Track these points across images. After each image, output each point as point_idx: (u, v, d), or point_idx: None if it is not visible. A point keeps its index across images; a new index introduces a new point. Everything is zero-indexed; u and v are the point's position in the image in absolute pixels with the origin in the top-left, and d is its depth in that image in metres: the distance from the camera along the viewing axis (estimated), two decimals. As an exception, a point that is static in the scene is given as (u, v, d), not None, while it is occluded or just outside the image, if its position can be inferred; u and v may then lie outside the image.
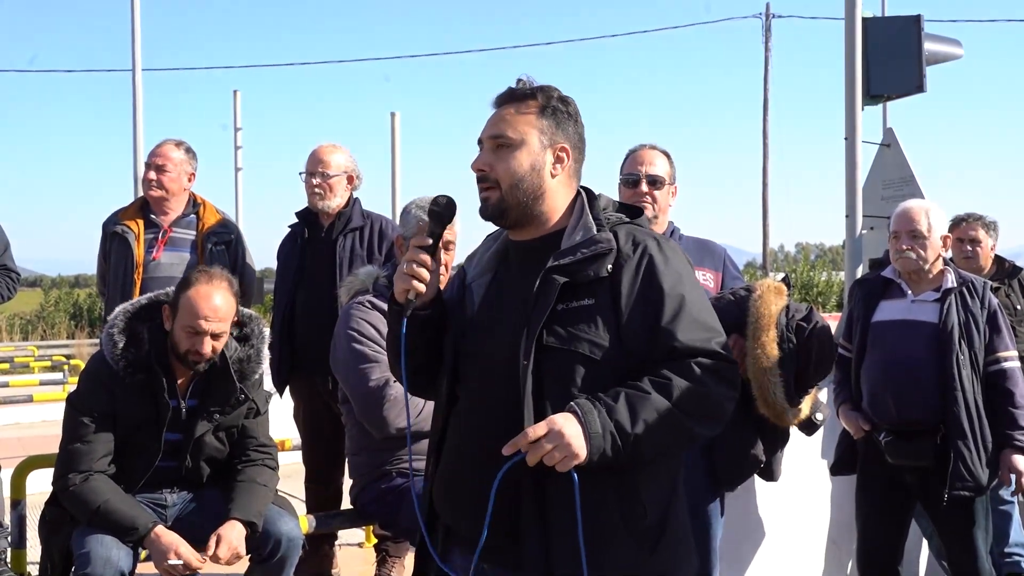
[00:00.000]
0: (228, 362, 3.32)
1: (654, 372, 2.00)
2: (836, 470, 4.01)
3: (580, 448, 1.89)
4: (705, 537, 3.30)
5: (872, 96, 5.59)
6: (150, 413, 3.26)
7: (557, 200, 2.13)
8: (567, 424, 1.90)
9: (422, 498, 2.23)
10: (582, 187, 2.19)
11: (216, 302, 3.23)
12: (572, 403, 1.94)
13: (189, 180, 4.66)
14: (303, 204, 4.61)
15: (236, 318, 3.41)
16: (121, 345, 3.24)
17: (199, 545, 3.17)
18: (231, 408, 3.35)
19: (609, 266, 2.03)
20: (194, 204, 4.65)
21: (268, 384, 4.24)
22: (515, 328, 2.04)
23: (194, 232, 4.58)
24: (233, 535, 3.16)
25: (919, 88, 5.59)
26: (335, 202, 4.51)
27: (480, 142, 2.14)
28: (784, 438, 3.44)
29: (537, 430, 1.89)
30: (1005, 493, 4.50)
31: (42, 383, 10.48)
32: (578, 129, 2.16)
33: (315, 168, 4.51)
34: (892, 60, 5.52)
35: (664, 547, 2.08)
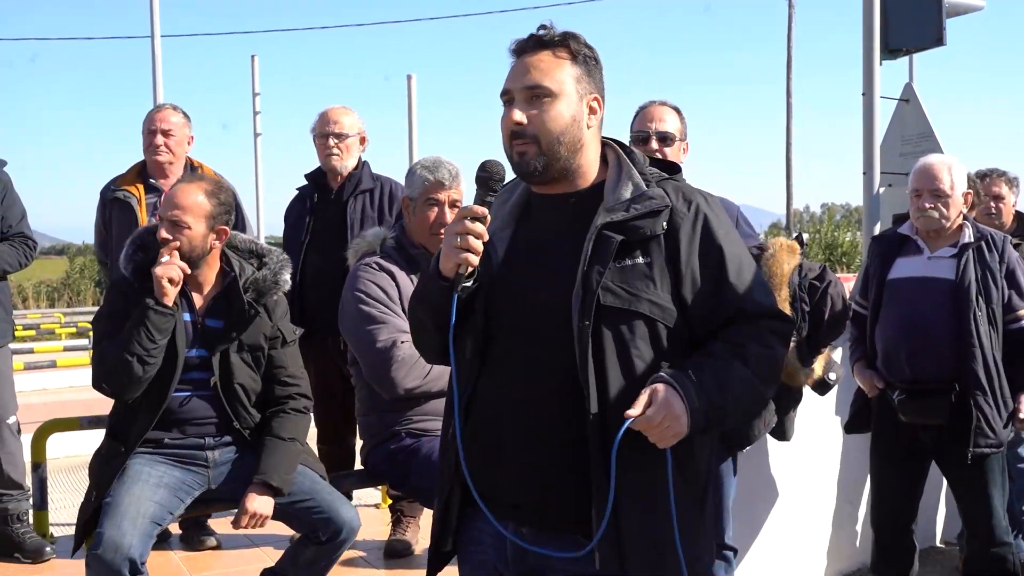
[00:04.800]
0: (237, 279, 3.39)
1: (725, 336, 1.94)
2: (850, 428, 3.99)
3: (684, 425, 1.83)
4: (718, 496, 3.30)
5: (890, 50, 5.47)
6: None
7: (591, 153, 2.02)
8: (673, 399, 1.82)
9: (445, 461, 2.09)
10: (612, 139, 2.09)
11: (180, 192, 3.33)
12: (663, 373, 1.86)
13: (189, 143, 4.66)
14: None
15: (252, 248, 3.53)
16: (130, 252, 3.36)
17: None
18: (244, 324, 3.37)
19: (664, 223, 1.92)
20: (191, 168, 4.63)
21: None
22: (560, 286, 1.92)
23: None
24: (259, 506, 3.19)
25: (938, 41, 5.46)
26: (350, 163, 4.55)
27: (507, 93, 1.99)
28: (796, 398, 3.43)
29: (658, 413, 1.81)
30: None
31: (66, 349, 10.61)
32: (603, 78, 2.04)
33: (330, 129, 4.51)
34: (911, 13, 5.41)
35: (708, 511, 2.05)
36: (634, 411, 1.81)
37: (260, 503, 3.19)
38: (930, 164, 3.70)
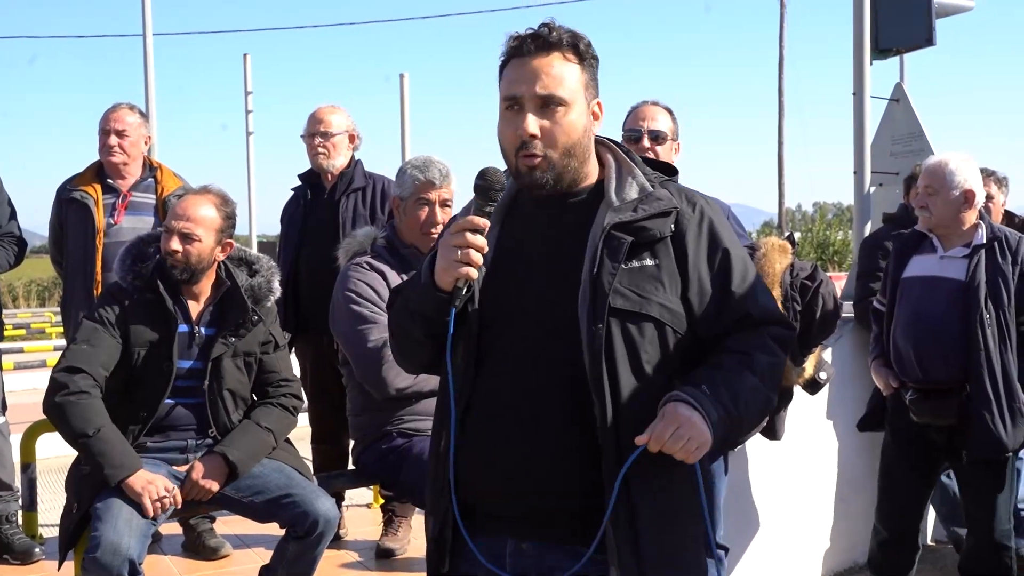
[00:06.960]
0: (239, 286, 3.40)
1: (732, 344, 1.90)
2: (863, 426, 3.96)
3: (707, 433, 1.76)
4: (709, 496, 3.30)
5: (881, 50, 5.50)
6: (161, 335, 3.30)
7: (594, 158, 1.97)
8: (687, 412, 1.76)
9: (437, 479, 1.93)
10: (608, 139, 2.02)
11: (191, 204, 3.36)
12: (676, 391, 1.80)
13: (146, 144, 4.60)
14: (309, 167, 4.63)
15: (242, 255, 3.54)
16: (128, 261, 3.37)
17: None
18: (245, 330, 3.39)
19: (672, 225, 1.88)
20: (150, 168, 4.57)
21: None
22: (562, 288, 1.86)
23: (154, 196, 4.49)
24: (202, 476, 3.19)
25: (928, 41, 5.49)
26: (339, 161, 4.54)
27: (514, 99, 1.85)
28: (787, 397, 3.43)
29: (668, 426, 1.75)
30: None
31: (56, 348, 10.54)
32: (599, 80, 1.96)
33: (316, 129, 4.53)
34: (901, 13, 5.44)
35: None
36: (642, 437, 1.76)
37: (207, 473, 3.20)
38: (927, 162, 3.69)
